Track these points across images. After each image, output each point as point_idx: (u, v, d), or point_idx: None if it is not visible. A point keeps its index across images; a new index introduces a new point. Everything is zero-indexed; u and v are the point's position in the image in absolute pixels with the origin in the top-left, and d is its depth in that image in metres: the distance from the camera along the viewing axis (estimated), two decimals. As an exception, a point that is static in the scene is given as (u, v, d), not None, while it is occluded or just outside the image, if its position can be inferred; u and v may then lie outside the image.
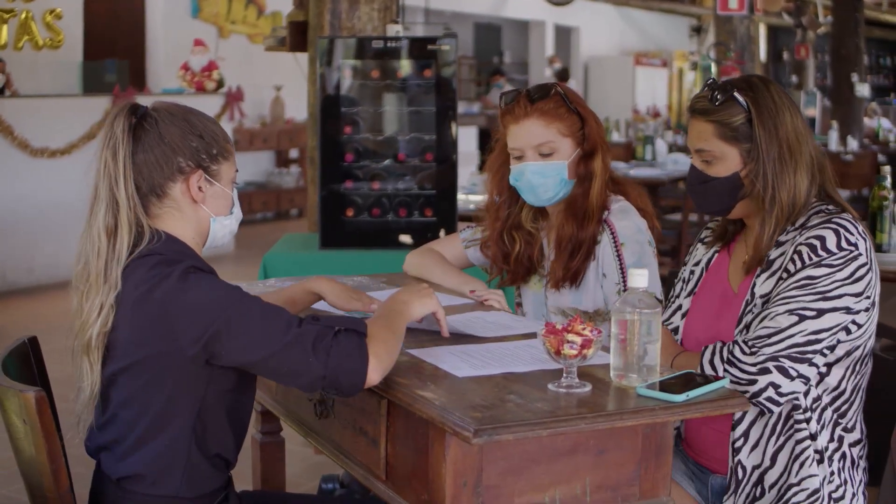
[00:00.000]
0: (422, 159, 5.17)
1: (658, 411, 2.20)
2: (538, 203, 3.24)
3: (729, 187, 2.69)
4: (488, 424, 2.06)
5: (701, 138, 2.71)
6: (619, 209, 3.22)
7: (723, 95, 2.66)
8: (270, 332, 2.27)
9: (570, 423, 2.12)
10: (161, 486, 2.38)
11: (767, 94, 2.67)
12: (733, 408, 2.27)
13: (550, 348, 2.26)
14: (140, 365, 2.32)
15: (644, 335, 2.28)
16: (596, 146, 3.22)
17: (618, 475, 2.28)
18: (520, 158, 3.21)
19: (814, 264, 2.53)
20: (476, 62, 22.98)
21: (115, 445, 2.41)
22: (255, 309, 2.29)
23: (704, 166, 2.72)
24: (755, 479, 2.65)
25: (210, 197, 2.47)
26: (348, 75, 5.13)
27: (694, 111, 2.73)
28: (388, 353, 2.32)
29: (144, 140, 2.40)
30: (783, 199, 2.62)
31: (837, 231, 2.55)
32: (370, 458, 2.49)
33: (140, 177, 2.40)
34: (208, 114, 2.55)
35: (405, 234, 5.19)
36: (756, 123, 2.64)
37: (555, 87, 3.21)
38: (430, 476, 2.23)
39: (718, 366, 2.54)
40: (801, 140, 2.65)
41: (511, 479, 2.19)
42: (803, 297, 2.52)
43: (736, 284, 2.76)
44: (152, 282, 2.30)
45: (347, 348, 2.27)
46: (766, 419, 2.63)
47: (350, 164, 5.14)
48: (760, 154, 2.63)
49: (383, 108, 5.16)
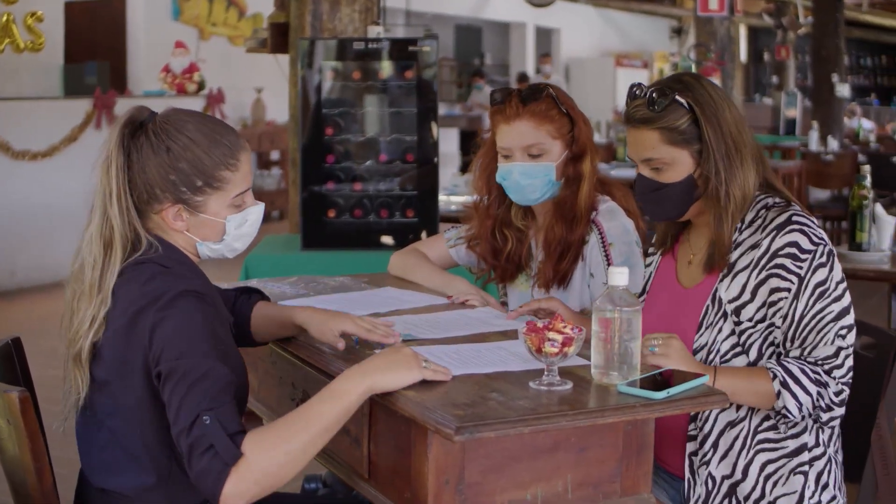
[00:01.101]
0: (403, 160, 5.18)
1: (639, 408, 2.21)
2: (524, 202, 3.25)
3: (684, 191, 2.67)
4: (470, 422, 2.06)
5: (647, 147, 2.67)
6: (606, 210, 3.23)
7: (664, 100, 2.63)
8: (189, 406, 2.19)
9: (552, 421, 2.14)
10: (141, 499, 2.38)
11: (704, 90, 2.66)
12: (713, 404, 2.29)
13: (531, 346, 2.27)
14: (123, 380, 2.33)
15: (625, 333, 2.29)
16: (585, 148, 3.23)
17: (599, 472, 2.29)
18: (508, 158, 3.21)
19: (809, 270, 2.54)
20: (457, 64, 22.99)
21: (100, 452, 2.42)
22: (197, 372, 2.22)
23: (655, 174, 2.68)
24: (726, 491, 2.65)
25: (194, 226, 2.44)
26: (329, 77, 5.15)
27: (635, 121, 2.68)
28: (263, 479, 2.15)
29: (136, 155, 2.39)
30: (736, 194, 2.63)
31: (803, 230, 2.57)
32: (353, 457, 2.50)
33: (135, 188, 2.40)
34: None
35: (387, 235, 5.20)
36: (702, 122, 2.62)
37: (547, 89, 3.22)
38: (412, 474, 2.23)
39: (810, 386, 2.52)
40: (741, 131, 2.66)
41: (493, 477, 2.20)
42: (830, 309, 2.54)
43: (688, 282, 2.76)
44: (142, 303, 2.30)
45: (206, 471, 2.13)
46: (736, 429, 2.64)
47: (331, 166, 5.15)
48: (711, 153, 2.62)
49: (364, 110, 5.18)
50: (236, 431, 2.16)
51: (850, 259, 4.73)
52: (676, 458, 2.74)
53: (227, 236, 2.47)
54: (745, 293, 2.61)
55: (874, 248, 4.78)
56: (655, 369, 2.39)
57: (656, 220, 2.86)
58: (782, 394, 2.52)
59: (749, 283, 2.61)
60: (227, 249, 2.51)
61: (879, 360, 2.79)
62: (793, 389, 2.52)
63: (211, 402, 2.18)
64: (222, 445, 2.13)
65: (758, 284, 2.60)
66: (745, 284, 2.61)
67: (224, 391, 2.22)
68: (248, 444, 2.15)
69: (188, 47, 12.18)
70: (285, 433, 2.18)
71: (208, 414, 2.15)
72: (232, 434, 2.15)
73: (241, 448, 2.14)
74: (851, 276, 4.67)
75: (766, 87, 23.55)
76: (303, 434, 2.18)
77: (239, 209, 2.47)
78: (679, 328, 2.66)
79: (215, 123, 2.46)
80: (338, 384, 2.24)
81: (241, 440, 2.15)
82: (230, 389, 2.24)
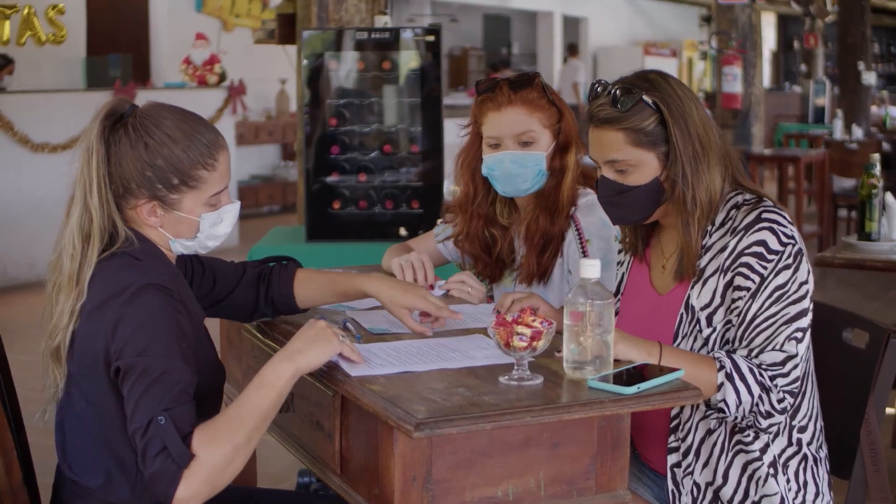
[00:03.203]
0: (409, 151, 5.14)
1: (608, 404, 2.17)
2: (513, 194, 3.20)
3: (649, 195, 2.57)
4: (431, 418, 2.03)
5: (612, 148, 2.56)
6: (585, 204, 3.18)
7: (629, 99, 2.52)
8: (146, 405, 2.19)
9: (516, 417, 2.10)
10: (111, 493, 2.36)
11: (671, 89, 2.55)
12: (686, 400, 2.24)
13: (500, 340, 2.23)
14: (91, 373, 2.32)
15: (597, 326, 2.25)
16: (570, 140, 3.18)
17: (572, 468, 2.25)
18: (496, 147, 3.16)
19: (773, 272, 2.47)
20: (485, 53, 22.94)
21: (72, 445, 2.41)
22: (156, 371, 2.21)
23: (619, 176, 2.58)
24: (710, 498, 2.60)
25: (168, 222, 2.42)
26: (333, 67, 5.11)
27: (598, 120, 2.57)
28: (214, 477, 2.17)
29: (114, 148, 2.38)
30: (702, 198, 2.54)
31: (772, 228, 2.49)
32: (326, 452, 2.47)
33: (112, 181, 2.38)
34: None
35: (393, 226, 5.16)
36: (669, 123, 2.52)
37: (537, 77, 3.18)
38: (379, 470, 2.20)
39: (754, 386, 2.45)
40: (708, 131, 2.56)
41: (462, 474, 2.16)
42: (785, 311, 2.47)
43: (662, 288, 2.69)
44: (107, 295, 2.30)
45: (159, 473, 2.15)
46: (715, 436, 2.59)
47: (336, 157, 5.11)
48: (678, 155, 2.52)
49: (369, 100, 5.13)
50: (189, 432, 2.18)
51: (859, 249, 4.67)
52: (661, 457, 2.69)
53: (200, 234, 2.46)
54: (716, 298, 2.55)
55: (884, 237, 4.70)
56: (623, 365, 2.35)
57: (619, 224, 2.76)
58: (725, 386, 2.45)
59: (718, 287, 2.54)
60: (200, 247, 2.50)
61: (869, 353, 2.73)
62: (737, 385, 2.45)
63: (169, 403, 2.18)
64: (175, 447, 2.15)
65: (725, 287, 2.53)
66: (715, 290, 2.55)
67: (183, 391, 2.22)
68: (197, 443, 2.17)
69: (208, 39, 12.19)
70: (229, 427, 2.21)
71: (164, 415, 2.16)
72: (185, 435, 2.17)
73: (192, 448, 2.16)
74: (860, 267, 4.63)
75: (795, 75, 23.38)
76: (245, 427, 2.21)
77: (214, 208, 2.45)
78: (654, 337, 2.59)
79: (195, 121, 2.43)
80: (266, 372, 2.27)
81: (191, 441, 2.17)
82: (190, 389, 2.24)
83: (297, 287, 2.79)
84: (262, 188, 13.79)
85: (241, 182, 13.28)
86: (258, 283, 2.77)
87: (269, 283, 2.78)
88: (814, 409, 2.64)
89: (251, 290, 2.77)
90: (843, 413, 2.74)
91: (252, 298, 2.77)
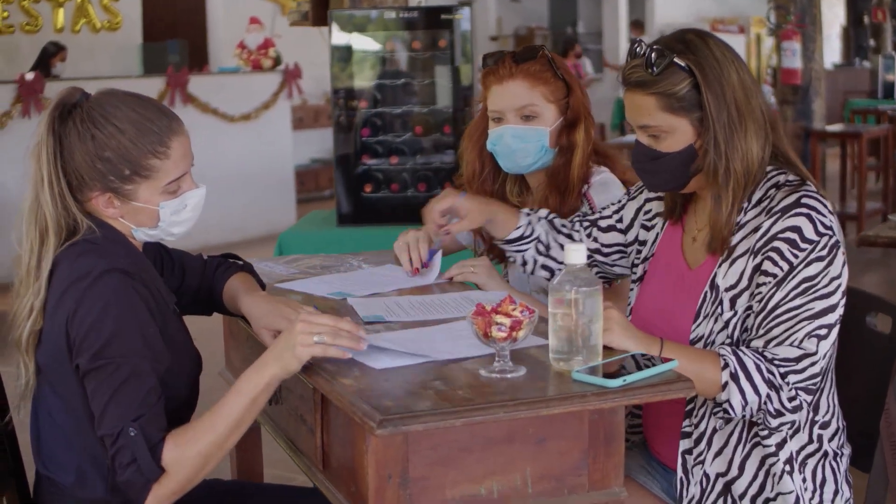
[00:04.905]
0: (441, 133, 5.04)
1: (590, 398, 2.04)
2: (516, 170, 3.09)
3: (682, 162, 2.43)
4: (396, 414, 1.92)
5: (643, 113, 2.43)
6: (599, 182, 3.05)
7: (661, 62, 2.38)
8: (113, 414, 2.15)
9: (489, 412, 1.97)
10: (87, 490, 2.30)
11: (708, 51, 2.40)
12: (676, 393, 2.10)
13: (479, 330, 2.11)
14: (57, 366, 2.26)
15: (583, 315, 2.12)
16: (579, 116, 3.06)
17: (562, 465, 2.12)
18: (499, 121, 3.05)
19: (804, 262, 2.31)
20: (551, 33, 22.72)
21: (44, 440, 2.35)
22: (123, 373, 2.16)
23: (652, 141, 2.45)
24: (720, 489, 2.46)
25: (127, 212, 2.35)
26: (363, 48, 5.01)
27: (630, 83, 2.43)
28: (184, 485, 2.18)
29: (65, 140, 2.30)
30: (737, 168, 2.38)
31: (810, 216, 2.33)
32: (309, 447, 2.37)
33: (66, 174, 2.31)
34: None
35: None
36: (703, 88, 2.37)
37: (542, 51, 3.06)
38: (355, 467, 2.10)
39: (761, 385, 2.30)
40: (749, 96, 2.40)
41: (441, 471, 2.04)
42: (811, 306, 2.31)
43: (692, 261, 2.55)
44: (67, 283, 2.23)
45: (129, 483, 2.15)
46: (731, 425, 2.44)
47: (367, 139, 5.02)
48: (711, 122, 2.37)
49: (401, 81, 5.04)
50: (159, 440, 2.16)
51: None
52: (671, 449, 2.56)
53: (162, 222, 2.37)
54: (742, 281, 2.40)
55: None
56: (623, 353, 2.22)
57: (653, 191, 2.66)
58: (729, 386, 2.30)
59: (746, 269, 2.39)
60: (165, 234, 2.41)
61: (893, 339, 2.57)
62: (742, 385, 2.30)
63: (137, 410, 2.14)
64: (144, 461, 2.13)
65: (753, 270, 2.38)
66: (743, 271, 2.40)
67: (150, 393, 2.18)
68: (167, 455, 2.15)
69: (264, 23, 12.14)
70: (201, 437, 2.18)
71: (133, 426, 2.14)
72: (156, 444, 2.15)
73: (163, 461, 2.15)
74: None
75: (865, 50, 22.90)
76: (215, 434, 2.19)
77: (174, 195, 2.36)
78: (675, 312, 2.47)
79: (147, 108, 2.34)
80: (241, 380, 2.23)
81: (161, 451, 2.15)
82: (156, 389, 2.19)
83: (225, 293, 2.68)
84: (322, 171, 13.73)
85: (301, 166, 13.24)
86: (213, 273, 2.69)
87: (211, 281, 2.69)
88: (832, 406, 2.48)
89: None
90: (864, 402, 2.58)
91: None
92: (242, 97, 11.13)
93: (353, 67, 5.05)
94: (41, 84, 9.29)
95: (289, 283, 3.00)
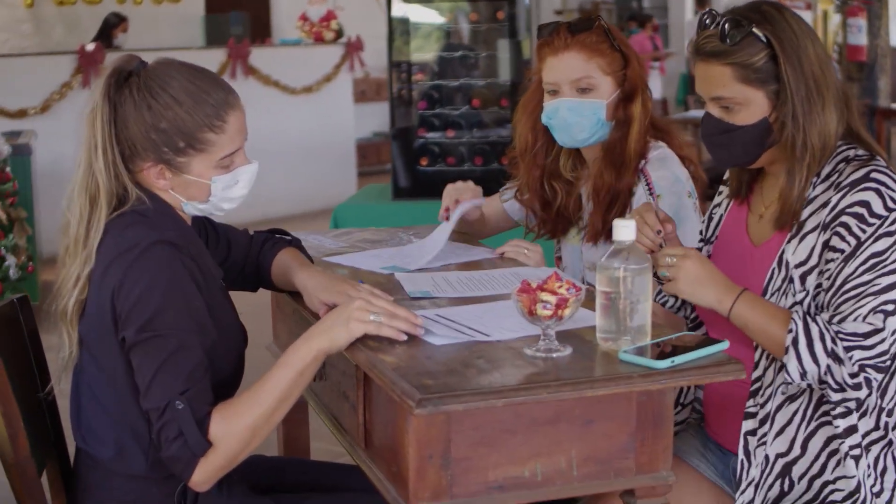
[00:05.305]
0: (499, 106, 4.97)
1: (636, 379, 1.98)
2: (571, 144, 3.01)
3: (756, 136, 2.36)
4: (435, 393, 1.87)
5: (718, 84, 2.36)
6: (657, 157, 2.97)
7: (738, 32, 2.31)
8: (161, 387, 2.12)
9: (531, 393, 1.92)
10: (126, 465, 2.27)
11: (785, 22, 2.33)
12: (725, 375, 2.03)
13: (524, 308, 2.05)
14: (101, 338, 2.23)
15: (631, 293, 2.05)
16: (636, 89, 2.97)
17: (609, 447, 2.07)
18: (554, 94, 2.98)
19: (872, 237, 2.23)
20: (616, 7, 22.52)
21: (85, 414, 2.32)
22: (171, 346, 2.13)
23: (724, 114, 2.38)
24: (779, 471, 2.38)
25: (178, 185, 2.31)
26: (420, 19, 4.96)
27: (704, 53, 2.36)
28: (231, 460, 2.14)
29: (120, 109, 2.26)
30: (815, 142, 2.32)
31: (879, 190, 2.25)
32: (352, 424, 2.33)
33: (119, 142, 2.27)
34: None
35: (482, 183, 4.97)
36: (781, 59, 2.30)
37: (598, 21, 2.97)
38: (396, 447, 2.05)
39: (821, 356, 2.22)
40: (825, 70, 2.33)
41: (483, 452, 1.99)
42: (878, 282, 2.22)
43: (757, 239, 2.47)
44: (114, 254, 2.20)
45: (175, 458, 2.11)
46: (796, 403, 2.36)
47: (423, 112, 4.97)
48: (789, 95, 2.30)
49: (457, 54, 4.98)
50: (206, 414, 2.12)
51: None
52: (729, 430, 2.49)
53: (213, 197, 2.33)
54: (812, 257, 2.32)
55: None
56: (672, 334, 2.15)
57: (723, 166, 2.56)
58: (789, 351, 2.22)
59: (816, 245, 2.31)
60: (215, 209, 2.38)
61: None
62: (800, 351, 2.21)
63: (184, 383, 2.11)
64: (192, 435, 2.10)
65: (823, 246, 2.31)
66: (813, 247, 2.32)
67: (198, 367, 2.14)
68: (214, 429, 2.12)
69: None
70: (248, 410, 2.14)
71: (180, 399, 2.10)
72: (202, 417, 2.11)
73: (210, 435, 2.11)
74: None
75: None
76: (263, 407, 2.14)
77: (227, 170, 2.32)
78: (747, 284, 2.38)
79: (204, 80, 2.29)
80: (289, 352, 2.18)
81: (208, 425, 2.11)
82: (204, 363, 2.16)
83: (273, 268, 2.64)
84: (383, 145, 13.67)
85: (363, 139, 13.21)
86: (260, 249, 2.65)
87: (256, 258, 2.65)
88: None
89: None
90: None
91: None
92: (304, 70, 11.11)
93: (412, 40, 4.99)
94: (102, 55, 9.31)
95: (336, 256, 2.96)
